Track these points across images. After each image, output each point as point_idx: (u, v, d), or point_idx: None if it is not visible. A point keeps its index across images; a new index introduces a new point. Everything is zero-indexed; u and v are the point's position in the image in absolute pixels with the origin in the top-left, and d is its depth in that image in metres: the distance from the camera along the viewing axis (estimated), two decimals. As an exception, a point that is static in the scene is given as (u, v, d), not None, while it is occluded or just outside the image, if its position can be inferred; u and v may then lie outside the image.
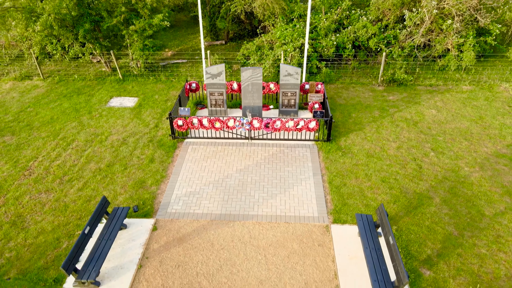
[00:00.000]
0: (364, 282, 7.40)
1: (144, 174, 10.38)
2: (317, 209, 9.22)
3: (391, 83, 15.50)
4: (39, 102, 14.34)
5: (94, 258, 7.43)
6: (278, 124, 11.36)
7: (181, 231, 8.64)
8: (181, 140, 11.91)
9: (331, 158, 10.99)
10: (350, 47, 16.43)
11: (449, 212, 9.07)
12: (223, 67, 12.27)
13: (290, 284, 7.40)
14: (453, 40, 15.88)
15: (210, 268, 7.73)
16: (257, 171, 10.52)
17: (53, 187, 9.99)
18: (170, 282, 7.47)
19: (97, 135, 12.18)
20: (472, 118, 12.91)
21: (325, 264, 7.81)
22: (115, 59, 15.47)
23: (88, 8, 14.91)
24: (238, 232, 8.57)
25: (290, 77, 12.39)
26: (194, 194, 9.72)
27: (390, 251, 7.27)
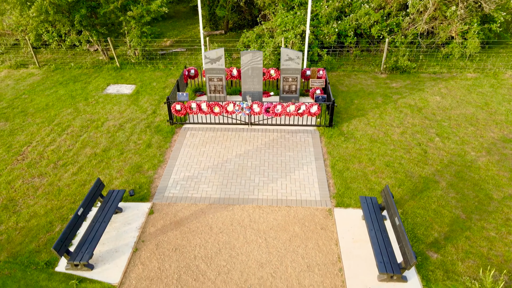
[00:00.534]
0: (369, 265, 7.10)
1: (141, 159, 10.08)
2: (319, 193, 8.92)
3: (394, 70, 15.19)
4: (34, 90, 14.03)
5: (87, 240, 7.13)
6: (279, 108, 11.05)
7: (178, 214, 8.33)
8: (179, 125, 11.60)
9: (334, 143, 10.68)
10: (352, 34, 16.09)
11: (456, 195, 8.76)
12: (223, 51, 11.96)
13: (291, 267, 7.09)
14: (457, 27, 15.56)
15: (209, 252, 7.43)
16: (257, 155, 10.21)
17: (46, 171, 9.68)
18: (167, 265, 7.17)
19: (93, 121, 11.87)
20: (478, 104, 12.60)
21: (328, 247, 7.50)
22: (112, 47, 15.16)
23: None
24: (238, 216, 8.27)
25: (291, 61, 12.07)
26: (192, 178, 9.42)
27: (396, 232, 6.97)
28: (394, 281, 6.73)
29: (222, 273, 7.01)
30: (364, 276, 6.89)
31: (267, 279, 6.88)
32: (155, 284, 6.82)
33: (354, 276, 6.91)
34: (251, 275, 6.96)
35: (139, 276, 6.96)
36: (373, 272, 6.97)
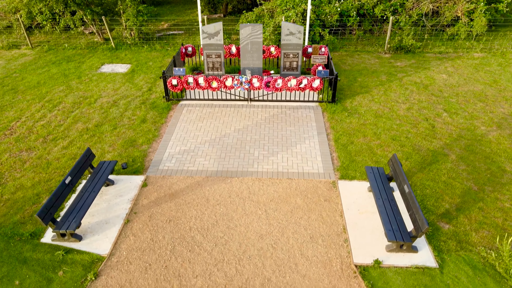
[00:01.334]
0: (376, 236, 6.63)
1: (135, 134, 9.60)
2: (322, 165, 8.44)
3: (398, 50, 14.70)
4: (25, 69, 13.55)
5: (75, 209, 6.66)
6: (279, 83, 10.56)
7: (173, 187, 7.86)
8: (175, 102, 11.12)
9: (337, 118, 10.20)
10: (355, 14, 15.60)
11: (467, 168, 8.29)
12: (221, 25, 11.47)
13: (293, 238, 6.62)
14: (463, 6, 15.07)
15: (205, 223, 6.96)
16: (257, 130, 9.74)
17: (35, 145, 9.21)
18: (160, 237, 6.70)
19: (86, 98, 11.39)
20: (486, 82, 12.12)
21: (332, 219, 7.03)
22: (108, 27, 14.67)
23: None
24: (236, 188, 7.80)
25: (292, 36, 11.59)
26: (189, 152, 8.95)
27: (405, 200, 6.50)
28: (404, 251, 6.26)
29: (219, 244, 6.54)
30: (371, 247, 6.42)
31: (267, 250, 6.42)
32: (147, 255, 6.35)
33: (360, 247, 6.44)
34: (250, 246, 6.49)
35: (130, 247, 6.49)
36: (381, 243, 6.50)
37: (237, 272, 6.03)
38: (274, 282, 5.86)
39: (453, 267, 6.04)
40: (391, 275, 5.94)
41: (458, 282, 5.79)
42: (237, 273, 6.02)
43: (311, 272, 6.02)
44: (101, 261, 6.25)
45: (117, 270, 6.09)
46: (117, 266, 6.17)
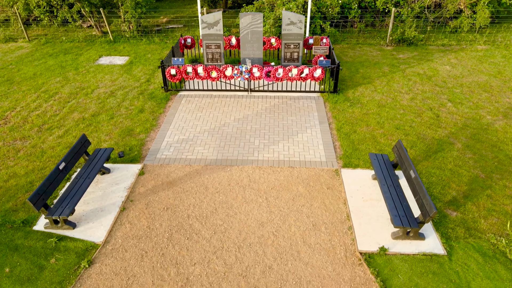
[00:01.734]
0: (381, 223, 6.38)
1: (132, 123, 9.37)
2: (324, 154, 8.20)
3: (401, 42, 14.48)
4: (22, 60, 13.32)
5: (69, 195, 6.42)
6: (280, 72, 10.34)
7: (171, 175, 7.62)
8: (174, 92, 10.89)
9: (339, 108, 9.97)
10: (356, 7, 15.40)
11: (474, 156, 8.05)
12: (220, 15, 11.25)
13: (295, 226, 6.38)
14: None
15: (204, 211, 6.72)
16: (257, 120, 9.50)
17: (30, 134, 8.98)
18: (157, 224, 6.46)
19: (83, 89, 11.16)
20: (490, 73, 11.90)
21: (335, 206, 6.79)
22: (106, 19, 14.45)
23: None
24: (236, 176, 7.56)
25: (293, 26, 11.37)
26: (187, 141, 8.71)
27: (412, 186, 6.26)
28: (410, 238, 6.02)
29: (218, 232, 6.29)
30: (376, 234, 6.18)
31: (268, 237, 6.17)
32: (144, 243, 6.10)
33: (365, 234, 6.19)
34: (250, 233, 6.25)
35: (126, 235, 6.25)
36: (386, 230, 6.26)
37: (237, 260, 5.79)
38: (276, 269, 5.62)
39: (462, 254, 5.80)
40: (398, 262, 5.70)
41: (467, 269, 5.55)
42: (236, 261, 5.78)
43: (314, 260, 5.78)
44: (96, 248, 6.01)
45: (112, 258, 5.85)
46: (112, 253, 5.93)
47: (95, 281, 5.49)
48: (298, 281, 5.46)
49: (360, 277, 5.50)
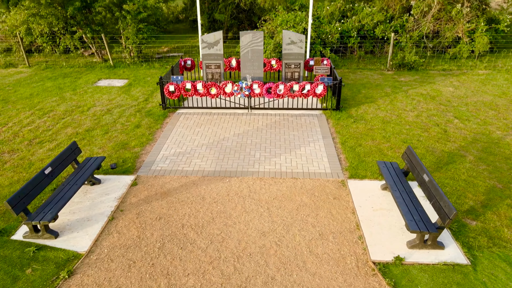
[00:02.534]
0: (395, 232, 5.81)
1: (128, 138, 8.98)
2: (329, 166, 7.74)
3: (401, 67, 14.45)
4: (20, 83, 13.18)
5: (53, 201, 5.88)
6: (281, 89, 10.11)
7: (166, 186, 7.11)
8: (172, 110, 10.60)
9: (342, 124, 9.63)
10: (355, 35, 15.55)
11: (488, 167, 7.59)
12: (221, 34, 11.24)
13: (300, 236, 5.79)
14: (463, 26, 15.03)
15: (200, 221, 6.15)
16: (257, 134, 9.13)
17: (19, 147, 8.55)
18: (148, 234, 5.87)
19: (79, 107, 10.88)
20: (495, 94, 11.70)
21: (343, 216, 6.23)
22: (107, 45, 14.51)
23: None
24: (235, 187, 7.04)
25: (293, 45, 11.32)
26: (184, 154, 8.27)
27: (426, 190, 5.75)
28: (428, 247, 5.42)
29: (215, 241, 5.70)
30: (390, 244, 5.58)
31: (271, 247, 5.57)
32: (132, 252, 5.49)
33: (377, 244, 5.60)
34: (250, 243, 5.65)
35: (113, 245, 5.65)
36: (400, 240, 5.67)
37: (236, 270, 5.16)
38: (279, 280, 4.98)
39: (488, 264, 5.18)
40: (416, 272, 5.07)
41: (495, 280, 4.92)
42: (235, 271, 5.15)
43: (322, 270, 5.15)
44: (78, 258, 5.39)
45: (95, 268, 5.22)
46: (96, 263, 5.30)
47: (74, 293, 4.84)
48: (304, 292, 4.82)
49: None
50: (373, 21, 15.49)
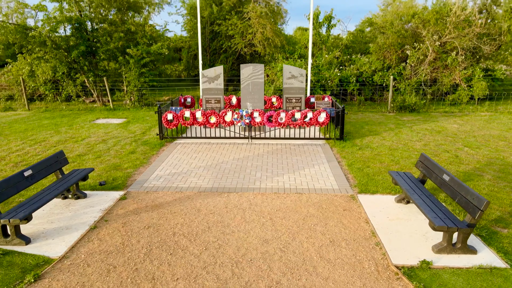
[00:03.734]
0: (416, 239, 5.08)
1: (121, 161, 8.48)
2: (336, 183, 7.15)
3: (402, 109, 14.38)
4: (16, 122, 12.97)
5: (28, 203, 5.23)
6: (282, 117, 9.84)
7: (158, 200, 6.46)
8: (170, 140, 10.22)
9: (347, 151, 9.19)
10: (354, 81, 15.76)
11: (509, 184, 6.99)
12: (221, 69, 11.29)
13: (308, 243, 5.05)
14: (460, 73, 15.29)
15: (194, 229, 5.43)
16: (258, 159, 8.64)
17: (3, 168, 8.00)
18: (134, 241, 5.12)
19: (73, 137, 10.52)
20: (502, 129, 11.43)
21: (356, 225, 5.52)
22: (108, 88, 14.59)
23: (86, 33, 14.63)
24: (234, 201, 6.39)
25: (294, 80, 11.31)
26: (180, 174, 7.71)
27: (449, 189, 5.15)
28: (458, 251, 4.67)
29: (211, 248, 4.94)
30: (413, 249, 4.82)
31: (275, 253, 4.81)
32: (113, 258, 4.71)
33: (398, 249, 4.84)
34: (251, 250, 4.89)
35: (92, 251, 4.88)
36: (424, 246, 4.92)
37: (234, 275, 4.36)
38: (286, 285, 4.17)
39: (531, 267, 4.40)
40: (448, 277, 4.27)
41: (544, 282, 4.11)
42: (233, 276, 4.34)
43: (336, 275, 4.35)
44: (49, 264, 4.60)
45: (67, 273, 4.41)
46: (70, 268, 4.50)
47: (38, 297, 4.00)
48: (317, 296, 3.99)
49: (401, 293, 4.03)
50: (371, 69, 15.79)
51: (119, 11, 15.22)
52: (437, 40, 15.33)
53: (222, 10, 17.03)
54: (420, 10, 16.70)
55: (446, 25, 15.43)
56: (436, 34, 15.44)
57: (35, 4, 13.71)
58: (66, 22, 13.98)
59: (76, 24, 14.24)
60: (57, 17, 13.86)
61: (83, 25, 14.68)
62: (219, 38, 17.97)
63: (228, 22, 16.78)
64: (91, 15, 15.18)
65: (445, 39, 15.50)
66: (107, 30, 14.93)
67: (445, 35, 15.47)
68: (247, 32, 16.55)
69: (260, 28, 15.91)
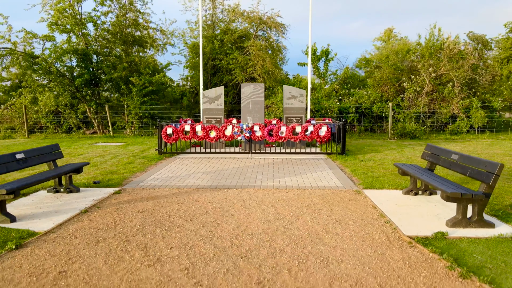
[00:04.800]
0: (428, 220, 4.78)
1: (117, 169, 8.26)
2: (340, 183, 6.90)
3: (403, 136, 14.34)
4: (14, 145, 12.86)
5: (16, 181, 4.99)
6: (283, 131, 9.77)
7: (154, 194, 6.18)
8: (169, 155, 10.05)
9: (350, 162, 9.01)
10: (354, 111, 15.90)
11: (519, 182, 6.74)
12: (222, 90, 11.42)
13: (314, 221, 4.73)
14: (457, 104, 15.48)
15: (191, 213, 5.12)
16: (259, 167, 8.43)
17: (-4, 172, 7.74)
18: (127, 221, 4.80)
19: (70, 153, 10.35)
20: (505, 150, 11.31)
21: (362, 210, 5.22)
22: (108, 115, 14.67)
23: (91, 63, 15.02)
24: (234, 194, 6.12)
25: (294, 100, 11.40)
26: (178, 177, 7.47)
27: (459, 167, 4.95)
28: (474, 225, 4.37)
29: (209, 225, 4.62)
30: (425, 225, 4.51)
31: (277, 229, 4.49)
32: (103, 232, 4.39)
33: (409, 225, 4.53)
34: (252, 227, 4.57)
35: (81, 227, 4.55)
36: (437, 222, 4.60)
37: (233, 244, 4.03)
38: (289, 252, 3.84)
39: (555, 237, 4.07)
40: (466, 245, 3.94)
41: None
42: (232, 245, 4.01)
43: (344, 244, 4.02)
44: (33, 236, 4.26)
45: (52, 243, 4.08)
46: (55, 239, 4.17)
47: (18, 261, 3.65)
48: (324, 259, 3.64)
49: (416, 257, 3.69)
50: (370, 100, 16.00)
51: (124, 44, 15.75)
52: (432, 72, 15.70)
53: (223, 46, 17.64)
54: (414, 46, 17.31)
55: (441, 57, 15.90)
56: (432, 67, 15.86)
57: (44, 34, 14.25)
58: (72, 53, 14.40)
59: (82, 55, 14.66)
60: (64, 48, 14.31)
61: (89, 56, 15.11)
62: (220, 73, 18.44)
63: (229, 57, 17.31)
64: (97, 48, 15.69)
65: (441, 71, 15.88)
66: (112, 61, 15.35)
67: (440, 68, 15.87)
68: (247, 66, 17.01)
69: (261, 61, 16.38)
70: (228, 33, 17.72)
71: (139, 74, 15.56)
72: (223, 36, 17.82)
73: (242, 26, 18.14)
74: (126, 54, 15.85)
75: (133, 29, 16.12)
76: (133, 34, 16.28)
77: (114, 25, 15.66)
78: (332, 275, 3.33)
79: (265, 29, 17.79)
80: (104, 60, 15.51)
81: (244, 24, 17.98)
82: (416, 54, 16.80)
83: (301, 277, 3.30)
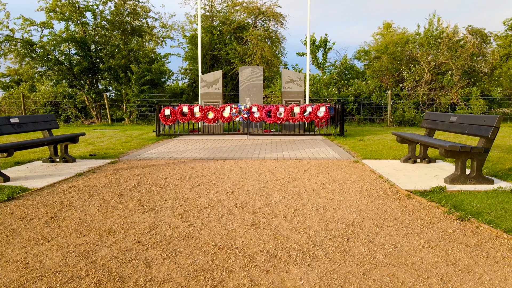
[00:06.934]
0: (426, 180, 4.73)
1: (114, 146, 8.20)
2: (338, 155, 6.85)
3: (402, 124, 14.29)
4: (12, 130, 12.77)
5: (11, 143, 4.93)
6: (281, 111, 9.72)
7: (150, 163, 6.12)
8: (167, 137, 9.99)
9: (348, 141, 8.96)
10: (353, 100, 15.85)
11: (519, 154, 6.69)
12: (220, 73, 11.37)
13: (311, 181, 4.68)
14: (456, 93, 15.44)
15: (187, 176, 5.07)
16: (257, 146, 8.38)
17: (-8, 147, 7.68)
18: (122, 181, 4.74)
19: (68, 136, 10.27)
20: (505, 133, 11.25)
21: (360, 173, 5.17)
22: (107, 104, 14.62)
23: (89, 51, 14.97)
24: (231, 164, 6.06)
25: (292, 84, 11.35)
26: (175, 152, 7.42)
27: (458, 127, 4.90)
28: (473, 181, 4.32)
29: (205, 185, 4.57)
30: (424, 181, 4.46)
31: (274, 187, 4.43)
32: (97, 188, 4.33)
33: (408, 182, 4.49)
34: (248, 185, 4.52)
35: (75, 186, 4.50)
36: (436, 181, 4.55)
37: (228, 198, 3.98)
38: (285, 203, 3.78)
39: (555, 190, 4.02)
40: (464, 197, 3.89)
41: None
42: (228, 198, 3.96)
43: (341, 197, 3.97)
44: (27, 192, 4.21)
45: (45, 196, 4.02)
46: (49, 194, 4.11)
47: (9, 209, 3.59)
48: (320, 208, 3.59)
49: (414, 205, 3.64)
50: (369, 89, 15.96)
51: (122, 33, 15.72)
52: (431, 61, 15.66)
53: (222, 36, 17.60)
54: (413, 36, 17.28)
55: (440, 46, 15.87)
56: (430, 55, 15.82)
57: (42, 21, 14.20)
58: (71, 42, 14.36)
59: (80, 43, 14.61)
60: (63, 36, 14.27)
61: (88, 44, 15.07)
62: (219, 63, 18.40)
63: (228, 47, 17.27)
64: (95, 37, 15.66)
65: (440, 60, 15.84)
66: (110, 50, 15.31)
67: (440, 57, 15.84)
68: (246, 55, 16.97)
69: (259, 50, 16.34)
70: (226, 24, 17.68)
71: (138, 63, 15.51)
72: (222, 27, 17.79)
73: (241, 16, 18.11)
74: (125, 43, 15.81)
75: (131, 18, 16.08)
76: (132, 23, 16.25)
77: (113, 13, 15.63)
78: (328, 219, 3.28)
79: (264, 20, 17.76)
80: (103, 49, 15.46)
81: (243, 14, 17.94)
82: (415, 43, 16.77)
83: (296, 220, 3.24)
